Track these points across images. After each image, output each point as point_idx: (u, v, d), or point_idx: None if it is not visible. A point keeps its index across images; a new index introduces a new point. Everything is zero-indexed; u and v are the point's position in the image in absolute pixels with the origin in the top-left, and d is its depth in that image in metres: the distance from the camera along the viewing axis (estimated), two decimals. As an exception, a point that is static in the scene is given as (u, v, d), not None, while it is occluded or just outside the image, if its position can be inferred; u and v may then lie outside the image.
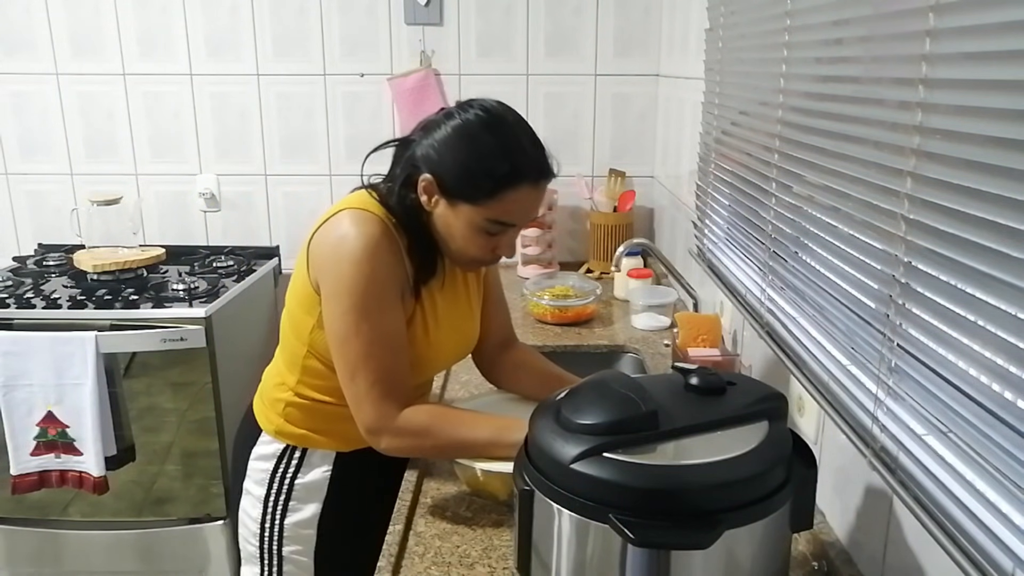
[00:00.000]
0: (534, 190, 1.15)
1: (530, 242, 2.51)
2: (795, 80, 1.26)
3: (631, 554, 0.82)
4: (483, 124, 1.13)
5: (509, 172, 1.12)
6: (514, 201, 1.13)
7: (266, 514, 1.32)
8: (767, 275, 1.38)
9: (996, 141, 0.72)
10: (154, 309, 2.15)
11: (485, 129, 1.13)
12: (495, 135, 1.13)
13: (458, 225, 1.16)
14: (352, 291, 1.14)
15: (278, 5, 2.50)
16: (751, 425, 0.88)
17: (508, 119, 1.15)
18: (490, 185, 1.12)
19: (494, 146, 1.12)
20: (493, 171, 1.11)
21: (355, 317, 1.14)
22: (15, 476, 2.15)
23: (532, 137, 1.16)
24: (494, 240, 1.18)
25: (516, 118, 1.17)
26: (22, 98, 2.60)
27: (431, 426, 1.17)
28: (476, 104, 1.16)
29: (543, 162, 1.16)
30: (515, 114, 1.18)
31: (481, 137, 1.12)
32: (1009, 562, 0.71)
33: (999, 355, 0.73)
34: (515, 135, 1.14)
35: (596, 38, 2.52)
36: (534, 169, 1.14)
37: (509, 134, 1.14)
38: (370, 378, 1.15)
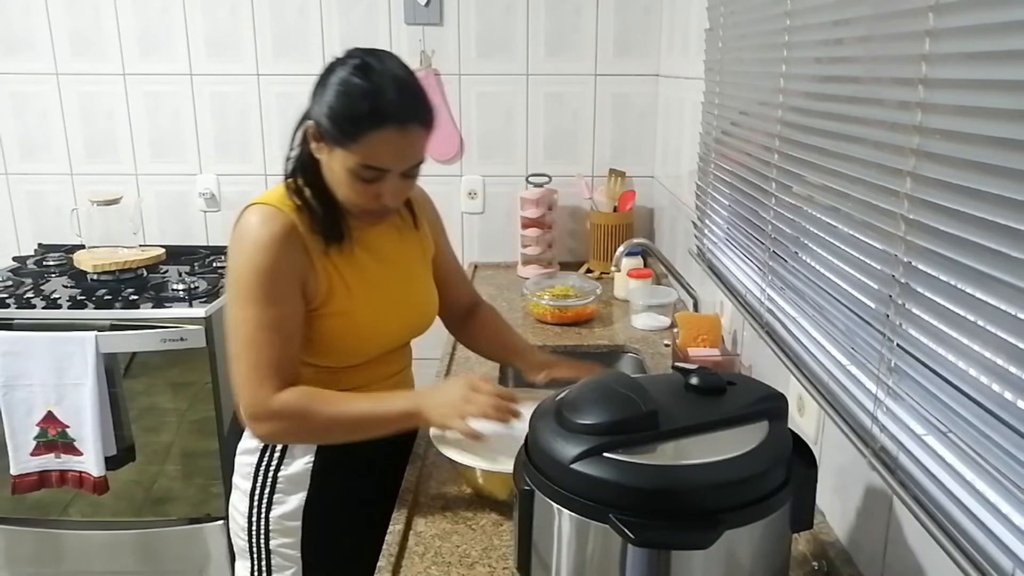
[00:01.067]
0: (400, 134, 1.14)
1: (530, 242, 2.51)
2: (795, 80, 1.26)
3: (631, 554, 0.82)
4: (354, 69, 1.14)
5: (369, 114, 1.12)
6: (379, 144, 1.13)
7: (252, 508, 1.33)
8: (767, 275, 1.38)
9: (996, 141, 0.72)
10: (154, 309, 2.15)
11: (354, 73, 1.14)
12: (362, 78, 1.13)
13: (337, 171, 1.18)
14: (240, 280, 1.19)
15: (278, 5, 2.50)
16: (751, 425, 0.88)
17: (377, 66, 1.15)
18: (353, 128, 1.13)
19: (358, 89, 1.12)
20: (355, 113, 1.12)
21: (242, 304, 1.18)
22: (15, 476, 2.15)
23: (403, 83, 1.15)
24: (374, 187, 1.18)
25: (389, 65, 1.16)
26: (22, 98, 2.60)
27: (307, 407, 1.19)
28: (356, 51, 1.18)
29: (410, 107, 1.15)
30: (392, 62, 1.17)
31: (349, 81, 1.14)
32: (1009, 562, 0.71)
33: (999, 355, 0.73)
34: (381, 79, 1.13)
35: (596, 38, 2.52)
36: (398, 113, 1.13)
37: (375, 78, 1.13)
38: (251, 362, 1.18)
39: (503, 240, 2.66)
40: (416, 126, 1.16)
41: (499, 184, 2.63)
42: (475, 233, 2.68)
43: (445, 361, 1.85)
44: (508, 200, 2.63)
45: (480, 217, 2.67)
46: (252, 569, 1.35)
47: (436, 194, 2.52)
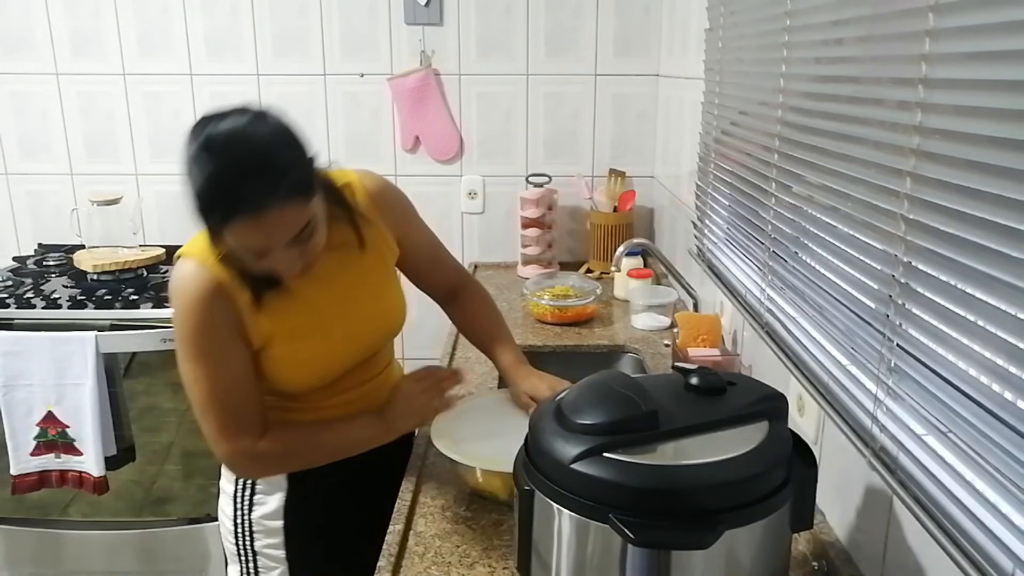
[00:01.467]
0: (255, 221, 1.03)
1: (530, 242, 2.51)
2: (795, 80, 1.26)
3: (631, 554, 0.82)
4: (196, 153, 1.03)
5: (213, 211, 1.04)
6: (240, 234, 1.05)
7: (236, 510, 1.34)
8: (767, 275, 1.38)
9: (996, 141, 0.72)
10: (154, 309, 2.15)
11: (195, 160, 1.03)
12: (201, 168, 1.03)
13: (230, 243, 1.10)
14: (182, 340, 1.18)
15: (278, 5, 2.49)
16: (751, 425, 0.88)
17: (218, 146, 1.03)
18: (208, 222, 1.06)
19: (200, 183, 1.03)
20: (203, 209, 1.05)
21: (193, 365, 1.17)
22: (15, 476, 2.15)
23: (246, 163, 1.02)
24: (267, 261, 1.10)
25: (233, 140, 1.03)
26: (22, 98, 2.60)
27: (284, 456, 1.24)
28: (202, 123, 1.05)
29: (257, 190, 1.02)
30: (238, 134, 1.04)
31: (192, 170, 1.04)
32: (1009, 562, 0.71)
33: (999, 355, 0.73)
34: (219, 167, 1.02)
35: (596, 38, 2.52)
36: (243, 203, 1.02)
37: (214, 167, 1.02)
38: (216, 423, 1.18)
39: (503, 240, 2.66)
40: (272, 207, 1.03)
41: (499, 184, 2.63)
42: (475, 233, 2.68)
43: (445, 361, 1.85)
44: (508, 200, 2.63)
45: (480, 217, 2.67)
46: (241, 571, 1.36)
47: (436, 194, 2.49)
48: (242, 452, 1.20)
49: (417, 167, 2.61)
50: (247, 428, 1.19)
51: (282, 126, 1.08)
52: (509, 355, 1.43)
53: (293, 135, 1.09)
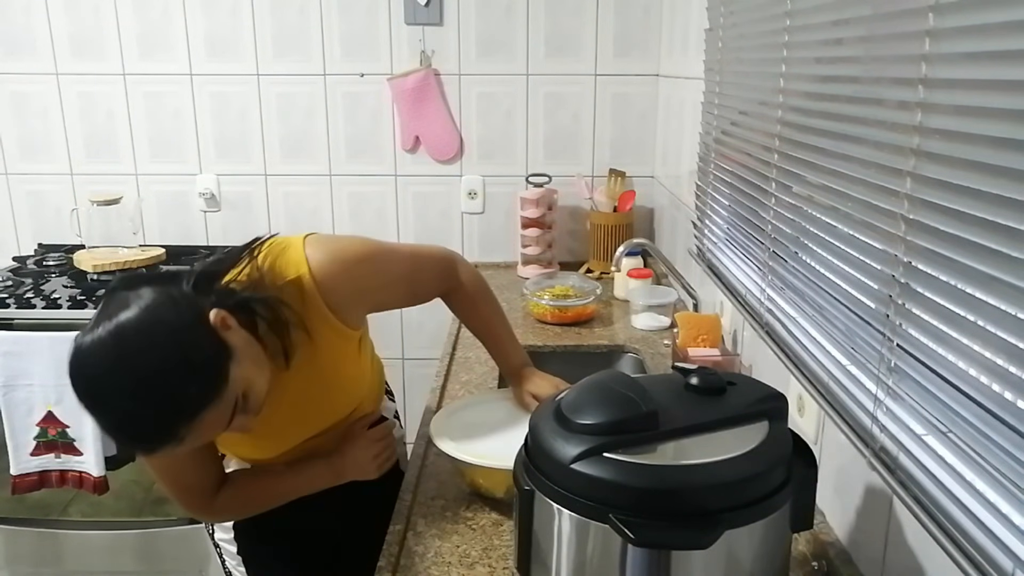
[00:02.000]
0: (181, 445, 0.95)
1: (530, 242, 2.51)
2: (795, 80, 1.26)
3: (631, 554, 0.82)
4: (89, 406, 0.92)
5: (137, 449, 0.98)
6: (174, 451, 0.97)
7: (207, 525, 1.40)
8: (767, 275, 1.38)
9: (996, 141, 0.72)
10: (154, 309, 2.15)
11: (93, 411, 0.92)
12: (100, 420, 0.93)
13: None
14: None
15: (278, 5, 2.49)
16: (751, 425, 0.88)
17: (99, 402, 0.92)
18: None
19: (110, 432, 0.94)
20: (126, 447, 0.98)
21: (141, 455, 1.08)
22: (15, 476, 2.15)
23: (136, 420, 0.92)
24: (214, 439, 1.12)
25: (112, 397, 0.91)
26: (22, 98, 2.60)
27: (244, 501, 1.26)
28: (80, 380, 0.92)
29: (162, 440, 0.94)
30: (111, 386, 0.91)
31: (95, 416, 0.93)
32: (1009, 562, 0.71)
33: (999, 355, 0.73)
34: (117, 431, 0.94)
35: (596, 38, 2.52)
36: (158, 447, 0.95)
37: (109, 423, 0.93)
38: (173, 489, 1.20)
39: (503, 240, 2.66)
40: (170, 436, 0.93)
41: (499, 184, 2.63)
42: (475, 233, 2.68)
43: (445, 361, 1.85)
44: (508, 200, 2.63)
45: (480, 217, 2.67)
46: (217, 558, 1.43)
47: (436, 194, 2.50)
48: (199, 509, 1.24)
49: (417, 167, 2.61)
50: (200, 492, 1.21)
51: (163, 334, 0.93)
52: (512, 355, 1.42)
53: (185, 336, 0.94)
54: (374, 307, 1.27)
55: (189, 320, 0.95)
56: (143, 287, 0.96)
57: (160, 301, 0.94)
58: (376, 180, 2.63)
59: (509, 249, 2.65)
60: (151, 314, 0.92)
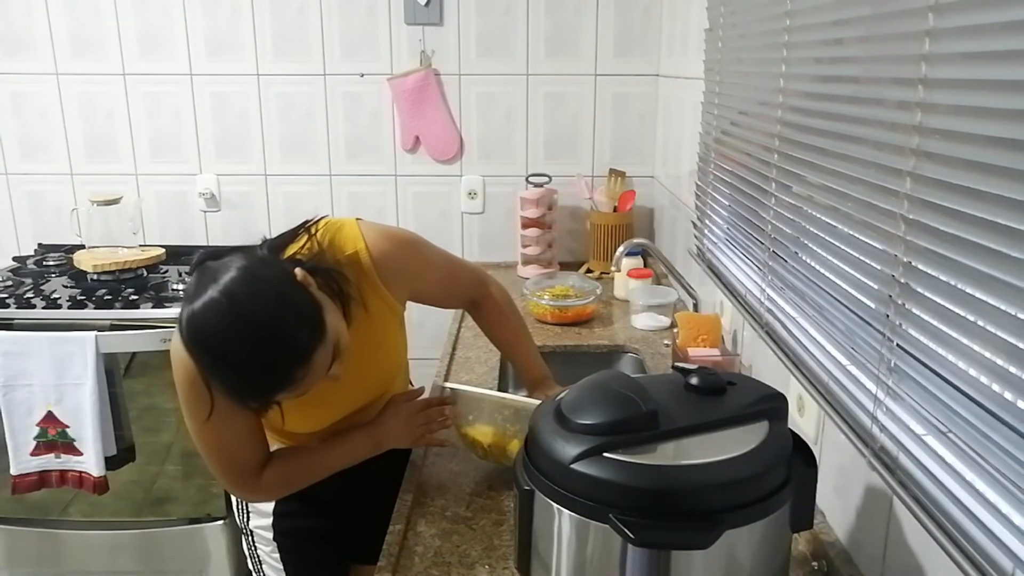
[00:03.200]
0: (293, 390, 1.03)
1: (530, 242, 2.51)
2: (795, 80, 1.26)
3: (631, 554, 0.82)
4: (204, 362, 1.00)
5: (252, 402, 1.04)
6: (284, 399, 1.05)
7: (240, 514, 1.41)
8: (767, 275, 1.38)
9: (996, 141, 0.72)
10: (154, 309, 2.15)
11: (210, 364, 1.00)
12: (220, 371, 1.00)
13: None
14: (184, 404, 1.18)
15: (278, 5, 2.49)
16: (751, 425, 0.88)
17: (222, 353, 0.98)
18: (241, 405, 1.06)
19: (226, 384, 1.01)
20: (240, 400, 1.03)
21: (194, 425, 1.18)
22: (15, 476, 2.15)
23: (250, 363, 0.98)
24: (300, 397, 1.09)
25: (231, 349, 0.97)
26: (22, 98, 2.60)
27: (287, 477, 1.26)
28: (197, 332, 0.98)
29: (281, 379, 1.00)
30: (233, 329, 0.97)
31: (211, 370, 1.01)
32: (1009, 562, 0.71)
33: (999, 355, 0.73)
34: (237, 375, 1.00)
35: (596, 38, 2.52)
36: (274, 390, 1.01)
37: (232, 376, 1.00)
38: (223, 466, 1.22)
39: (503, 240, 2.66)
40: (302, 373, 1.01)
41: (499, 184, 2.63)
42: (475, 233, 2.68)
43: (445, 361, 1.85)
44: (508, 200, 2.63)
45: (480, 217, 2.67)
46: (246, 544, 1.44)
47: (436, 194, 2.50)
48: (246, 487, 1.26)
49: (417, 167, 2.61)
50: (249, 470, 1.23)
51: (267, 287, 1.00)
52: (535, 367, 1.48)
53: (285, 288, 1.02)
54: (415, 292, 1.34)
55: (283, 276, 1.04)
56: (228, 256, 1.04)
57: (253, 263, 1.02)
58: (376, 180, 2.63)
59: (509, 249, 2.65)
60: (250, 273, 1.00)
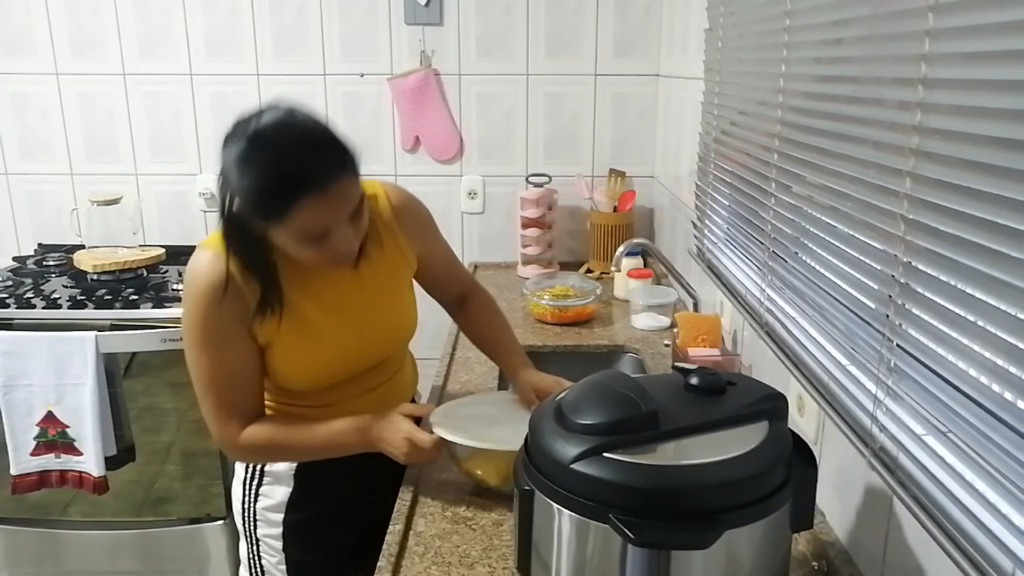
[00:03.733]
0: (321, 197, 1.07)
1: (530, 242, 2.51)
2: (795, 80, 1.26)
3: (631, 554, 0.82)
4: (248, 144, 1.06)
5: (281, 191, 1.06)
6: (306, 213, 1.07)
7: (245, 495, 1.39)
8: (767, 275, 1.38)
9: (996, 141, 0.72)
10: (154, 309, 2.15)
11: (250, 150, 1.06)
12: (260, 153, 1.06)
13: (284, 243, 1.13)
14: (189, 328, 1.21)
15: (278, 5, 2.49)
16: (751, 425, 0.88)
17: (271, 132, 1.07)
18: (273, 208, 1.07)
19: (262, 168, 1.06)
20: (268, 193, 1.07)
21: (196, 351, 1.21)
22: (15, 476, 2.15)
23: (303, 142, 1.08)
24: (327, 243, 1.13)
25: (283, 126, 1.08)
26: (22, 98, 2.60)
27: (269, 443, 1.26)
28: (243, 123, 1.09)
29: (319, 166, 1.07)
30: (285, 122, 1.09)
31: (249, 159, 1.06)
32: (1009, 563, 0.71)
33: (999, 355, 0.73)
34: (279, 148, 1.06)
35: (596, 38, 2.52)
36: (308, 178, 1.06)
37: (273, 150, 1.06)
38: (213, 402, 1.23)
39: (503, 240, 2.66)
40: (334, 181, 1.08)
41: (499, 184, 2.63)
42: (475, 233, 2.68)
43: (445, 361, 1.85)
44: (508, 200, 2.63)
45: (480, 217, 2.67)
46: (248, 549, 1.41)
47: (436, 194, 2.50)
48: (228, 435, 1.25)
49: (417, 167, 2.61)
50: (239, 415, 1.24)
51: (315, 115, 1.13)
52: (515, 357, 1.45)
53: (327, 122, 1.14)
54: (424, 252, 1.41)
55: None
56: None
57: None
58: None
59: (509, 249, 2.65)
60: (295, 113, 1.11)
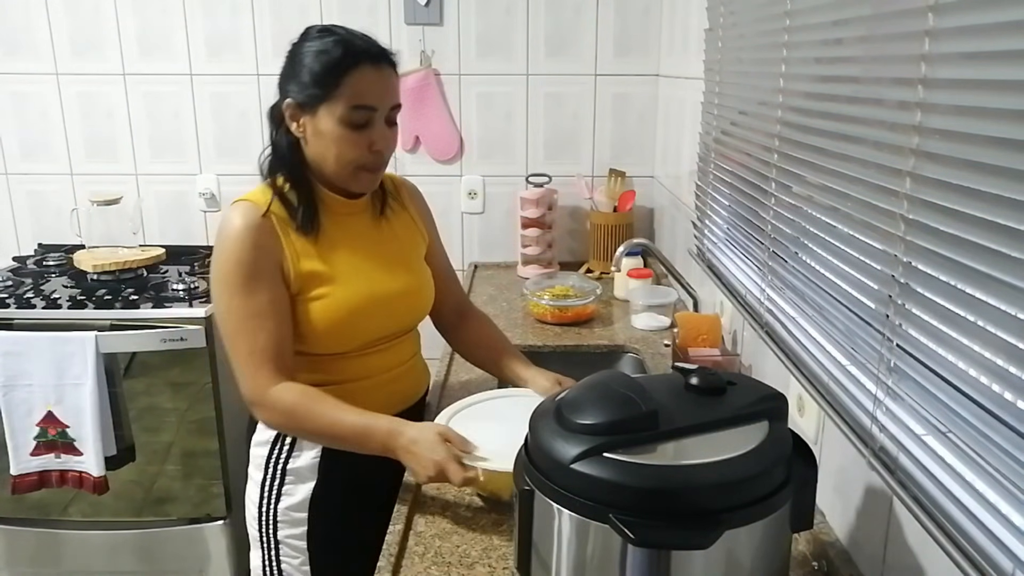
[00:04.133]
0: (376, 71, 1.24)
1: (530, 242, 2.51)
2: (795, 80, 1.26)
3: (631, 554, 0.82)
4: (317, 33, 1.25)
5: (343, 57, 1.21)
6: (361, 82, 1.22)
7: (263, 498, 1.37)
8: (767, 275, 1.38)
9: (996, 141, 0.72)
10: (154, 309, 2.15)
11: (319, 36, 1.24)
12: (328, 36, 1.24)
13: (328, 130, 1.23)
14: (222, 271, 1.24)
15: (278, 5, 2.49)
16: (751, 425, 0.88)
17: (336, 27, 1.26)
18: (334, 74, 1.21)
19: (328, 44, 1.23)
20: (331, 61, 1.21)
21: (227, 296, 1.24)
22: (15, 476, 2.15)
23: (364, 33, 1.27)
24: (365, 134, 1.25)
25: (344, 28, 1.27)
26: (22, 98, 2.60)
27: (298, 406, 1.24)
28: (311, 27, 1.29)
29: (377, 48, 1.26)
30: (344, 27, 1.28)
31: (311, 44, 1.24)
32: (1009, 563, 0.71)
33: (999, 355, 0.73)
34: (345, 32, 1.25)
35: (596, 38, 2.52)
36: (369, 53, 1.23)
37: (339, 32, 1.25)
38: (244, 351, 1.24)
39: (503, 240, 2.66)
40: (387, 65, 1.26)
41: (499, 184, 2.63)
42: (475, 233, 2.68)
43: (445, 361, 1.85)
44: (508, 200, 2.63)
45: (480, 217, 2.67)
46: (263, 557, 1.39)
47: (436, 194, 2.51)
48: (259, 387, 1.23)
49: (417, 167, 2.61)
50: (273, 359, 1.23)
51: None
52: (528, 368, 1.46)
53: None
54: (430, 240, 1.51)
55: None
56: None
57: None
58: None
59: (509, 249, 2.65)
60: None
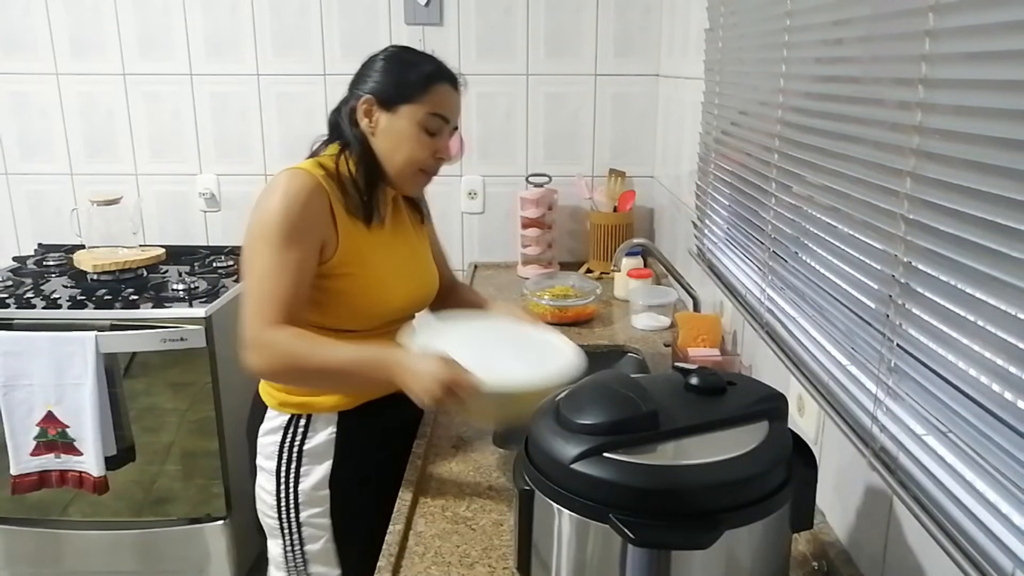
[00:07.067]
0: (454, 90, 1.40)
1: (530, 242, 2.51)
2: (795, 80, 1.26)
3: (631, 554, 0.82)
4: (403, 49, 1.41)
5: (432, 73, 1.36)
6: (443, 95, 1.37)
7: (280, 485, 1.38)
8: (767, 275, 1.38)
9: (996, 141, 0.72)
10: (154, 309, 2.15)
11: (406, 51, 1.41)
12: (413, 53, 1.41)
13: (404, 129, 1.34)
14: (263, 222, 1.26)
15: (278, 5, 2.50)
16: (751, 425, 0.88)
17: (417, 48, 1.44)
18: (421, 82, 1.34)
19: (415, 57, 1.39)
20: (420, 72, 1.36)
21: (261, 246, 1.25)
22: (15, 476, 2.15)
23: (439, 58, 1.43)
24: (434, 141, 1.36)
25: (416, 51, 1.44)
26: (22, 98, 2.60)
27: (294, 343, 1.23)
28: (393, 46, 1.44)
29: (453, 73, 1.42)
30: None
31: (404, 56, 1.39)
32: (1009, 563, 0.71)
33: (999, 355, 0.73)
34: (428, 54, 1.41)
35: (596, 38, 2.52)
36: (450, 74, 1.40)
37: (422, 53, 1.41)
38: (258, 297, 1.25)
39: (503, 240, 2.66)
40: (460, 90, 1.43)
41: (499, 184, 2.63)
42: (475, 233, 2.68)
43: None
44: (508, 200, 2.63)
45: (480, 217, 2.67)
46: (284, 545, 1.40)
47: (436, 194, 2.51)
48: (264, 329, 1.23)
49: (417, 167, 2.61)
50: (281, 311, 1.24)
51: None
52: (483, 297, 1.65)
53: None
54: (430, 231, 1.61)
55: None
56: None
57: None
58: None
59: (509, 249, 2.65)
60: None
